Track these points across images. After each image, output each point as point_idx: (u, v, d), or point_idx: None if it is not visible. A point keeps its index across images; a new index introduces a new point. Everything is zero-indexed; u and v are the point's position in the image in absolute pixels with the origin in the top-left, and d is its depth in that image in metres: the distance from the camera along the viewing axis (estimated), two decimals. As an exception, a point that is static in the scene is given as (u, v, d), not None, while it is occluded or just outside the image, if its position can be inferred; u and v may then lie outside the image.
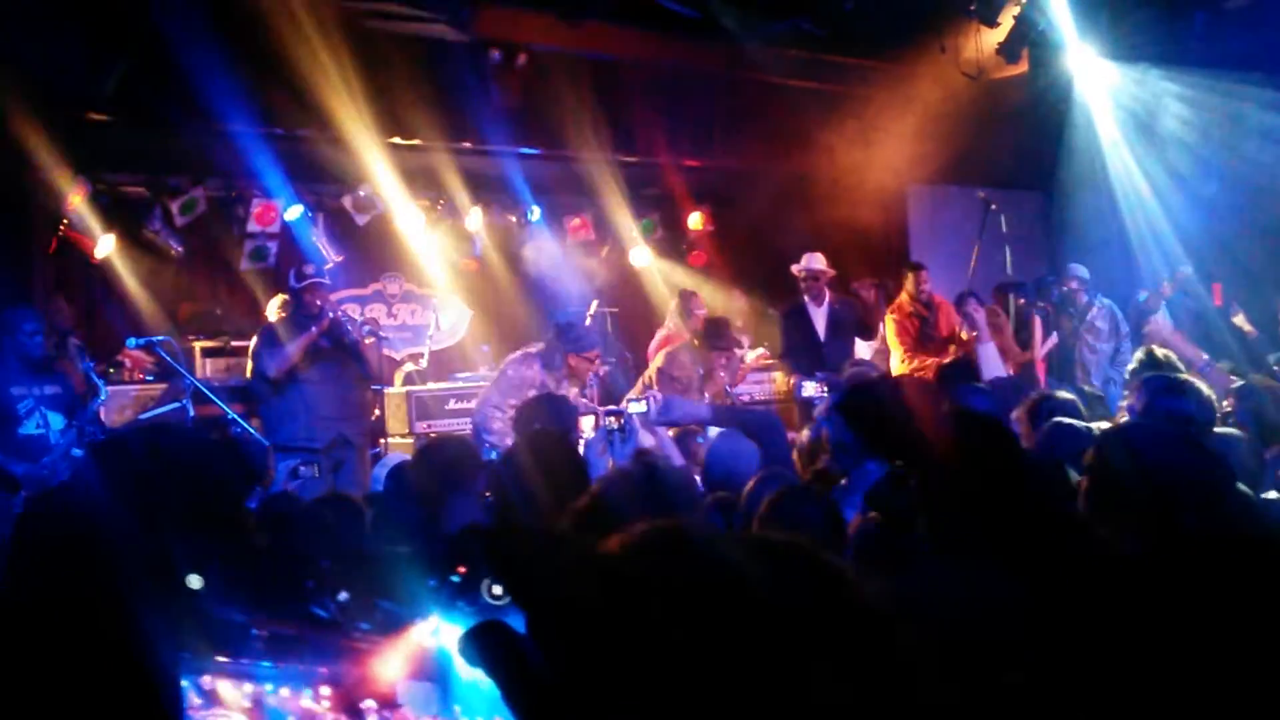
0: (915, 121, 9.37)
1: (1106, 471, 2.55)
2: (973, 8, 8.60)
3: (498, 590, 1.42)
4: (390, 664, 1.48)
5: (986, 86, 9.30)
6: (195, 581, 1.53)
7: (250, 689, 1.46)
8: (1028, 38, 8.82)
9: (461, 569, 1.47)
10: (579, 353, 6.48)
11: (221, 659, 1.49)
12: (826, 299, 8.14)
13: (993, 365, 8.24)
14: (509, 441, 6.33)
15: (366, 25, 7.94)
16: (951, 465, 2.73)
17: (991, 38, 8.99)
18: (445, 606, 1.47)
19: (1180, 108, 8.97)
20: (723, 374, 7.27)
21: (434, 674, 1.49)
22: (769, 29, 8.69)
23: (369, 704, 1.47)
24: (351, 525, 3.62)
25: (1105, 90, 9.35)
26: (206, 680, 1.49)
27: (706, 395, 7.28)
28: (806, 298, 8.14)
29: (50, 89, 6.81)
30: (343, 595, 1.55)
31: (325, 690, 1.44)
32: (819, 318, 8.11)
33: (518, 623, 0.90)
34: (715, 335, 7.23)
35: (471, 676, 1.43)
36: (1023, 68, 9.23)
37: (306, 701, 1.44)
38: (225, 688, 1.46)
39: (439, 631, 1.50)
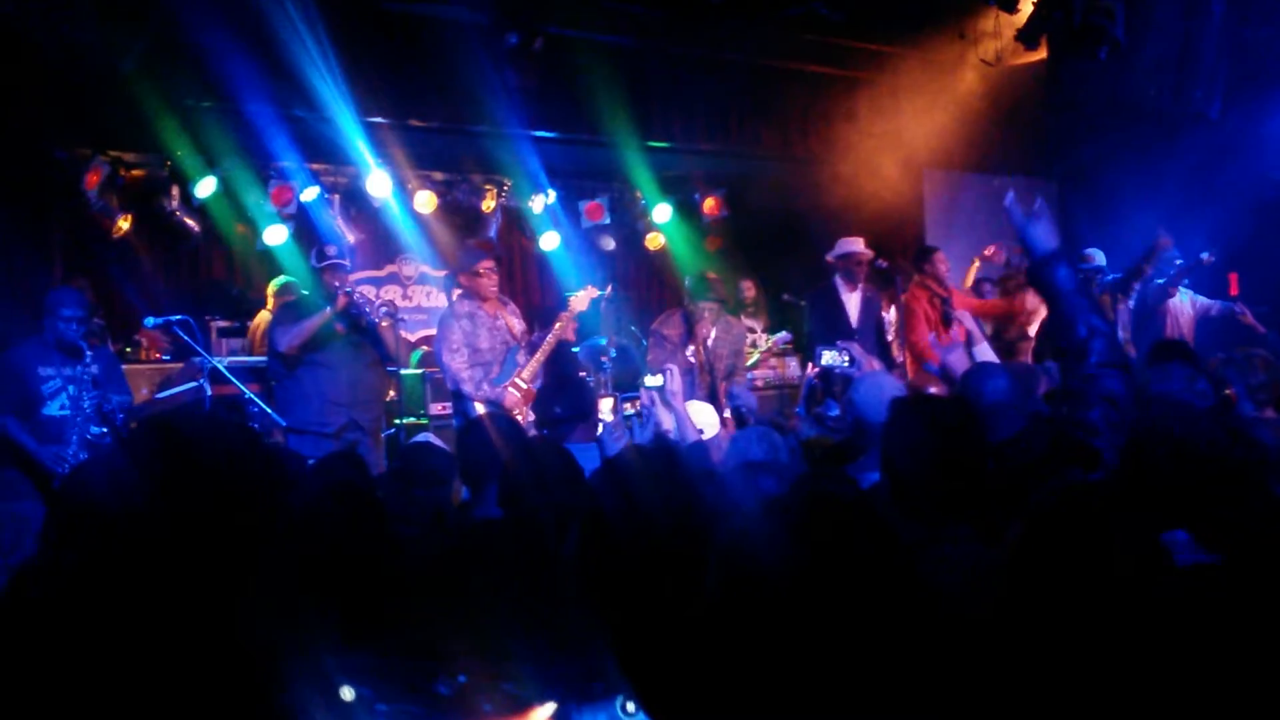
0: (932, 107, 9.34)
1: (1141, 460, 2.52)
2: (992, -7, 8.56)
3: (630, 707, 1.44)
4: None
5: (1005, 73, 9.27)
6: (348, 694, 1.54)
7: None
8: (1047, 24, 8.77)
9: None
10: (466, 271, 6.66)
11: None
12: (860, 285, 7.99)
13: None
14: (486, 387, 6.46)
15: (384, 7, 7.94)
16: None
17: (1011, 24, 8.94)
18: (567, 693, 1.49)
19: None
20: (704, 320, 7.33)
21: None
22: (786, 13, 8.65)
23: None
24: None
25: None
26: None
27: (690, 349, 7.32)
28: (840, 281, 7.92)
29: (68, 69, 6.81)
30: (462, 678, 1.56)
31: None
32: (851, 302, 7.89)
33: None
34: (695, 287, 7.43)
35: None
36: (1042, 54, 9.19)
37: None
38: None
39: (559, 716, 1.50)
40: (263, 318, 8.60)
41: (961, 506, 2.56)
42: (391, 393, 8.02)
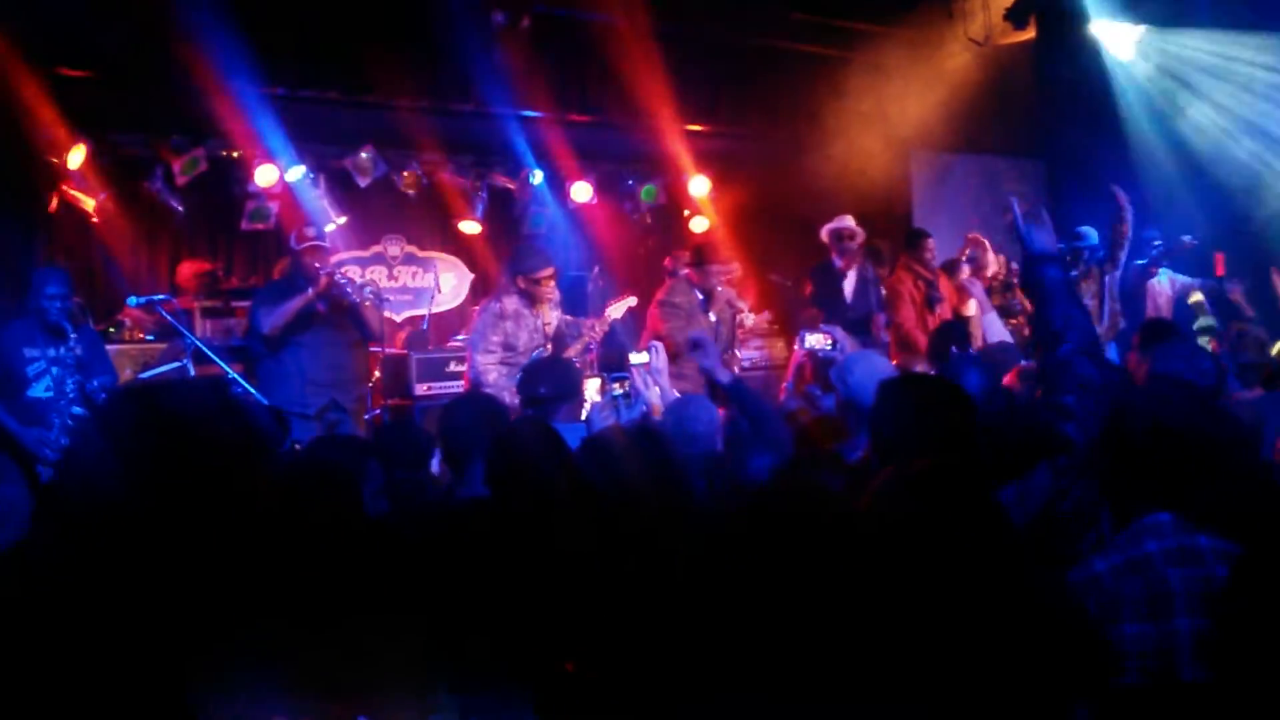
0: (921, 88, 9.31)
1: (1121, 438, 2.51)
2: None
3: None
4: None
5: (994, 53, 9.24)
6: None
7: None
8: (1036, 3, 8.75)
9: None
10: (526, 275, 6.62)
11: None
12: (857, 263, 8.16)
13: (996, 332, 8.22)
14: (507, 395, 6.43)
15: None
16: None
17: (999, 3, 8.92)
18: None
19: (1191, 71, 8.92)
20: (720, 289, 7.38)
21: None
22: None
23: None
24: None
25: (1116, 54, 9.28)
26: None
27: (712, 316, 7.34)
28: (836, 258, 8.17)
29: (51, 48, 6.75)
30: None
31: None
32: (848, 278, 8.18)
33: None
34: (708, 254, 7.46)
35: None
36: (1031, 34, 9.17)
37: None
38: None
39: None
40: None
41: None
42: (376, 373, 7.99)
